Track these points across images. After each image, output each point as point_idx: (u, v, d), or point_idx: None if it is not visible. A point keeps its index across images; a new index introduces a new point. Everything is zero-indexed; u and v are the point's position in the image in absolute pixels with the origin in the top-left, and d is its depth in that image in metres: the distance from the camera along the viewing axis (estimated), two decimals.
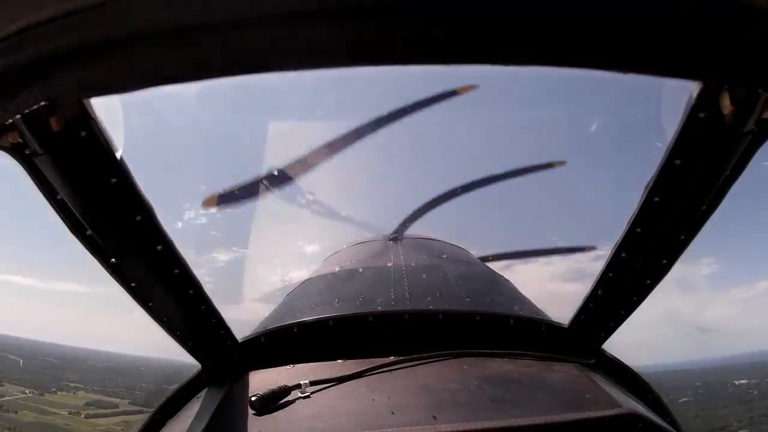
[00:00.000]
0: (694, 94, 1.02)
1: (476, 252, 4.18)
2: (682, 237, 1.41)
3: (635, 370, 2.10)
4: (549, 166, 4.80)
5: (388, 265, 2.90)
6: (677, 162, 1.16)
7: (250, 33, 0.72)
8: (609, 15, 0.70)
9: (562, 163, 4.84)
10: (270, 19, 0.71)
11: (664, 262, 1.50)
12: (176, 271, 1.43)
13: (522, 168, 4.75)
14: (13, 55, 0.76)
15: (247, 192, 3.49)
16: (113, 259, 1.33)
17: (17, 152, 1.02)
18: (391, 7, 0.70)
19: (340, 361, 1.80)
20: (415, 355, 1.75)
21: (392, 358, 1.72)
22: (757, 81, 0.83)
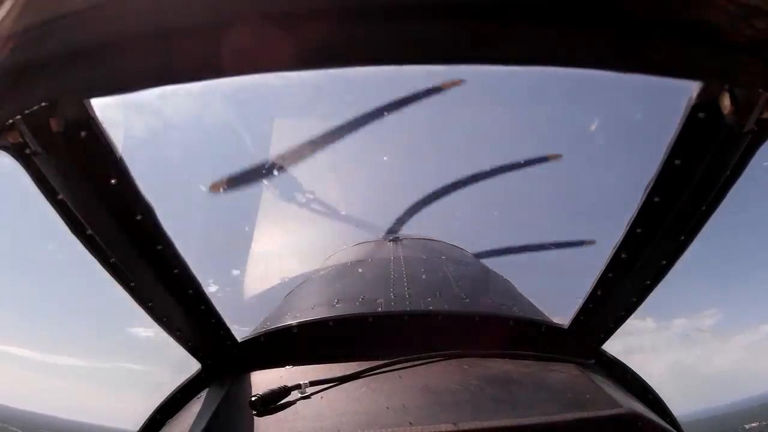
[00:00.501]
0: (694, 94, 1.02)
1: (471, 248, 4.18)
2: (682, 238, 1.41)
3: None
4: (545, 159, 4.80)
5: (388, 265, 2.90)
6: (677, 162, 1.15)
7: (250, 33, 0.72)
8: (609, 15, 0.70)
9: (558, 156, 4.83)
10: (270, 19, 0.71)
11: (664, 263, 1.50)
12: (176, 271, 1.43)
13: (518, 162, 4.73)
14: (14, 55, 0.76)
15: (249, 178, 3.51)
16: (113, 259, 1.33)
17: (17, 152, 1.02)
18: (391, 7, 0.70)
19: (339, 361, 1.80)
20: (415, 356, 1.75)
21: (392, 358, 1.72)
22: (757, 81, 0.83)
